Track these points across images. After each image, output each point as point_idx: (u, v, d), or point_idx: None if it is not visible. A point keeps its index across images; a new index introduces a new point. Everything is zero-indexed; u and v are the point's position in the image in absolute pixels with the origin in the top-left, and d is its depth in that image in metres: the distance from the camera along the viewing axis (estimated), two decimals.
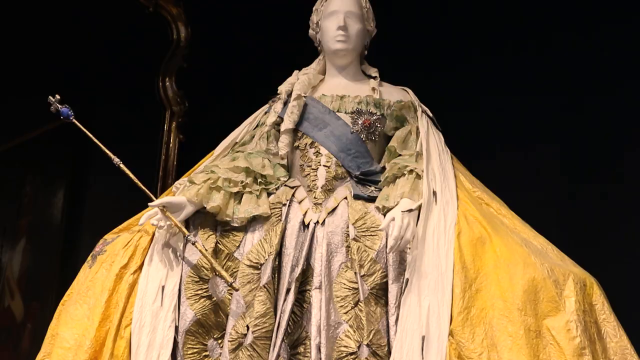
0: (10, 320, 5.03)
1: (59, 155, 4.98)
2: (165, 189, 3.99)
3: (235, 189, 3.17)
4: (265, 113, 3.35)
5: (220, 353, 3.06)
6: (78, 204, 4.88)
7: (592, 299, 2.93)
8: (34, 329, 4.82)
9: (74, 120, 3.23)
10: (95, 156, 4.62)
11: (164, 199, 3.15)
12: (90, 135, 3.22)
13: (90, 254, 3.22)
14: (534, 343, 2.83)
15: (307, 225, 3.11)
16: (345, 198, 3.14)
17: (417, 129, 3.22)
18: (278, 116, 3.27)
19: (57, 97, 3.23)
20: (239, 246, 3.15)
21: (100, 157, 3.33)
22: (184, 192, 3.16)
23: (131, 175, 3.17)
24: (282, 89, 3.31)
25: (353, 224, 3.07)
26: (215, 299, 3.10)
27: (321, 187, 3.16)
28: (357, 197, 3.13)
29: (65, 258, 4.84)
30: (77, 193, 4.88)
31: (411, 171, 3.11)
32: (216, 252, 3.13)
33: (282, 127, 3.23)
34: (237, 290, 3.04)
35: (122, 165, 3.18)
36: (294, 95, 3.25)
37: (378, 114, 3.22)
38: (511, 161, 3.91)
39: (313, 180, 3.17)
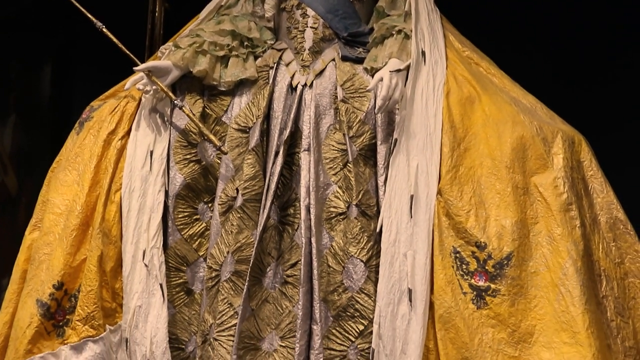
0: (6, 195, 5.06)
1: (45, 28, 4.91)
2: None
3: (221, 53, 3.13)
4: None
5: (211, 216, 3.09)
6: (66, 77, 4.84)
7: (580, 155, 2.94)
8: (28, 203, 4.84)
9: None
10: (82, 28, 4.55)
11: (149, 63, 3.11)
12: (73, 1, 3.15)
13: (77, 121, 3.22)
14: (522, 200, 2.85)
15: (295, 88, 3.09)
16: (333, 60, 3.10)
17: None
18: None
19: None
20: (226, 110, 3.13)
21: (87, 28, 3.27)
22: (169, 57, 3.12)
23: (115, 40, 3.13)
24: None
25: (341, 85, 3.05)
26: (204, 163, 3.11)
27: (308, 49, 3.12)
28: (345, 58, 3.09)
29: (55, 132, 4.84)
30: (65, 66, 4.84)
31: (399, 31, 3.06)
32: (204, 116, 3.12)
33: None
34: (225, 153, 3.05)
35: (104, 30, 3.13)
36: None
37: None
38: (504, 19, 3.85)
39: (300, 43, 3.13)
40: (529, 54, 3.77)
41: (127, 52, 3.11)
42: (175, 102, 3.08)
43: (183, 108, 3.07)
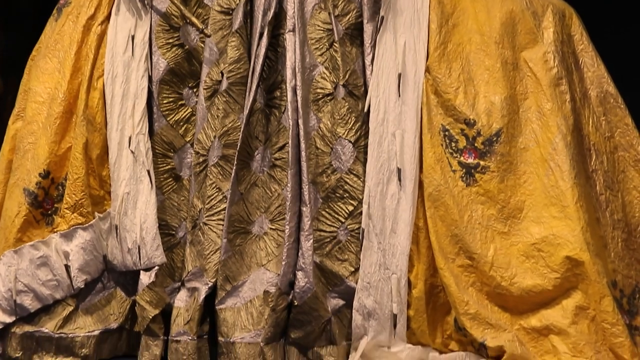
0: None
1: None
2: None
3: None
4: None
5: (197, 101, 3.05)
6: None
7: (571, 29, 2.89)
8: (14, 101, 4.80)
9: None
10: None
11: None
12: None
13: (55, 7, 3.14)
14: (511, 75, 2.81)
15: None
16: None
17: None
18: None
19: None
20: None
21: None
22: None
23: None
24: None
25: None
26: (187, 47, 3.05)
27: None
28: None
29: (38, 29, 4.75)
30: None
31: None
32: None
33: None
34: (208, 36, 2.99)
35: None
36: None
37: None
38: None
39: None
40: None
41: None
42: None
43: None
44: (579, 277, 2.66)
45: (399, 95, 2.84)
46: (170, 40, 3.04)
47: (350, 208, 2.88)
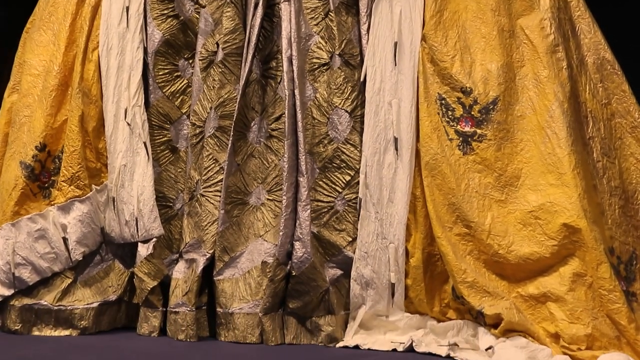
0: None
1: None
2: None
3: None
4: None
5: (192, 72, 3.04)
6: None
7: None
8: (9, 74, 4.78)
9: None
10: None
11: None
12: None
13: None
14: (507, 43, 2.80)
15: None
16: None
17: None
18: None
19: None
20: None
21: None
22: None
23: None
24: None
25: None
26: (182, 18, 3.04)
27: None
28: None
29: (32, 1, 4.73)
30: None
31: None
32: None
33: None
34: (203, 7, 2.98)
35: None
36: None
37: None
38: None
39: None
40: None
41: None
42: None
43: None
44: (576, 244, 2.66)
45: (395, 64, 2.84)
46: (165, 11, 3.03)
47: (347, 178, 2.88)
